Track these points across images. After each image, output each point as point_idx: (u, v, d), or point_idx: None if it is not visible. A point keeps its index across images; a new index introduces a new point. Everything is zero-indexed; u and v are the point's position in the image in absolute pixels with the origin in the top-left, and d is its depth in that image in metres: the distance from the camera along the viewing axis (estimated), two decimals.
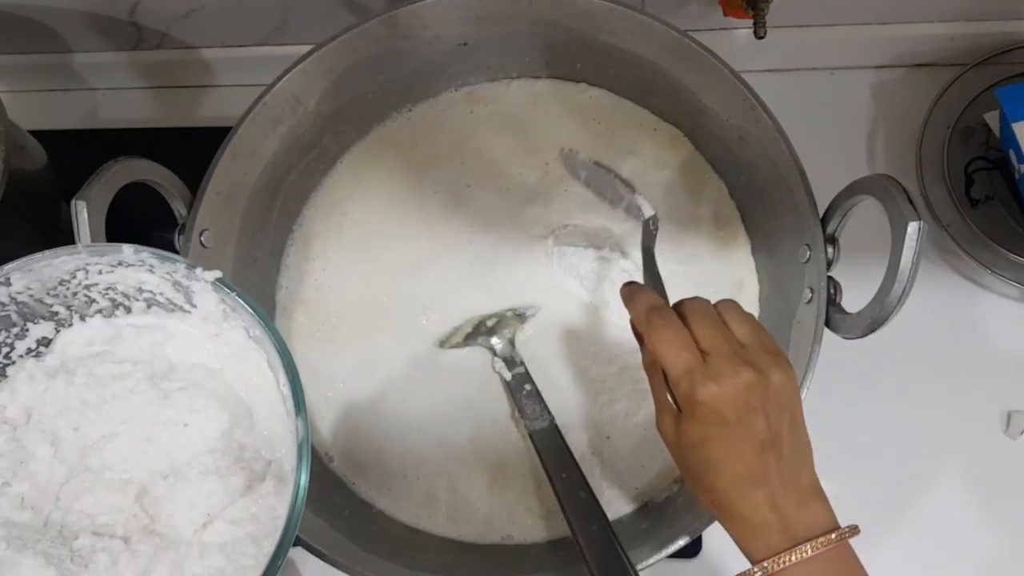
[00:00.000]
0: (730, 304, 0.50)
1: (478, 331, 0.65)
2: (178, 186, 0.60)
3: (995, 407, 0.72)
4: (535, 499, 0.63)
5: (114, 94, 0.88)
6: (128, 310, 0.52)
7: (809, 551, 0.44)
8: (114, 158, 0.56)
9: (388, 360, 0.66)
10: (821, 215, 0.58)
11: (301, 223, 0.70)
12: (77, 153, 0.82)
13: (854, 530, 0.47)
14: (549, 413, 0.62)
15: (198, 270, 0.47)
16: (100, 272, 0.50)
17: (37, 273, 0.48)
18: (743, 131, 0.62)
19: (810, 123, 0.76)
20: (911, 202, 0.51)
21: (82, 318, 0.51)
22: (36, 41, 0.81)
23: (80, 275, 0.50)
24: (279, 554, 0.43)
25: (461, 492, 0.63)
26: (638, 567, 0.55)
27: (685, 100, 0.65)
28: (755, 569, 0.45)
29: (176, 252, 0.61)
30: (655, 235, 0.63)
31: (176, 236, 0.61)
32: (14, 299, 0.49)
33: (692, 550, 0.68)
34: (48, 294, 0.49)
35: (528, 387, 0.63)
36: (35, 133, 0.76)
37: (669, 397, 0.49)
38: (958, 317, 0.75)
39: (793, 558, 0.44)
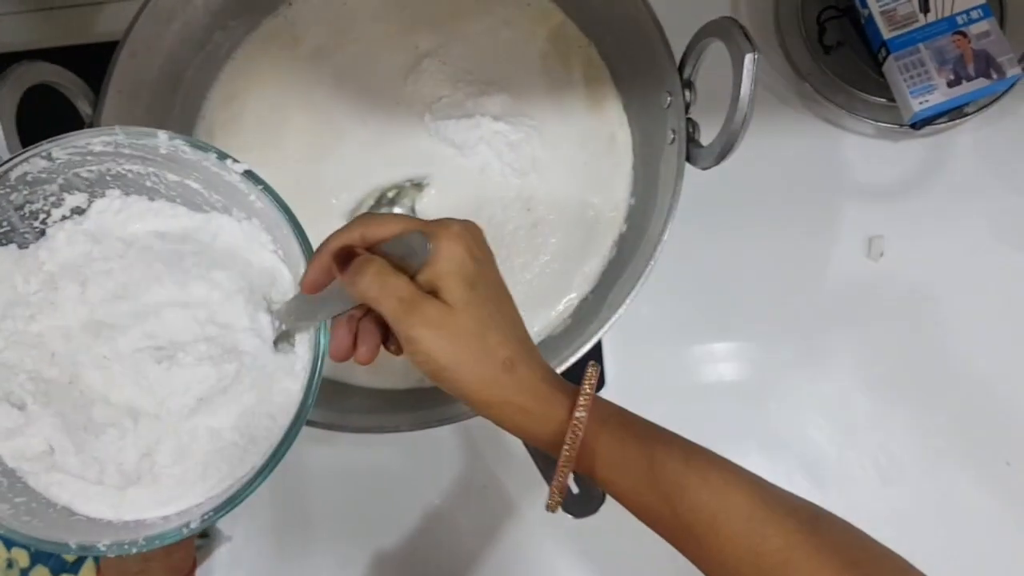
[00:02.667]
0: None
1: (380, 202, 0.70)
2: (81, 87, 0.64)
3: (858, 234, 0.80)
4: None
5: (5, 19, 0.89)
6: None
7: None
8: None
9: None
10: (678, 63, 0.64)
11: (203, 115, 0.73)
12: None
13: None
14: None
15: (228, 161, 0.49)
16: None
17: (78, 149, 0.48)
18: None
19: None
20: (748, 37, 0.57)
21: (118, 191, 0.52)
22: None
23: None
24: (294, 427, 0.46)
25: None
26: None
27: None
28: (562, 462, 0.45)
29: None
30: None
31: None
32: (58, 169, 0.49)
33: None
34: (85, 168, 0.50)
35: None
36: None
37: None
38: (821, 157, 0.82)
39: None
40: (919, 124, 0.77)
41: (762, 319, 0.79)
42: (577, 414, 0.45)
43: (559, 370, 0.62)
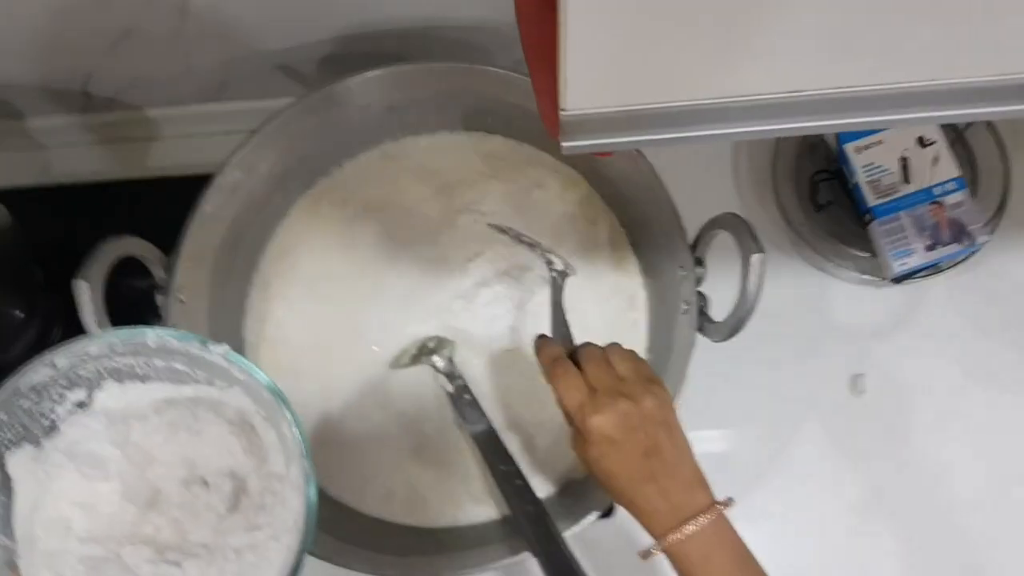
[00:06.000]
0: (615, 346, 0.65)
1: (422, 352, 0.77)
2: (159, 256, 0.71)
3: (842, 372, 0.89)
4: (476, 489, 0.76)
5: (64, 150, 0.95)
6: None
7: (691, 527, 0.57)
8: (104, 238, 0.66)
9: (346, 384, 0.78)
10: (691, 242, 0.72)
11: (259, 269, 0.81)
12: (37, 210, 0.89)
13: (727, 503, 0.60)
14: (486, 417, 0.74)
15: (209, 344, 0.56)
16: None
17: (77, 354, 0.56)
18: (628, 175, 0.75)
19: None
20: (754, 237, 0.65)
21: (116, 381, 0.59)
22: None
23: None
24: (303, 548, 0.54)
25: (414, 488, 0.76)
26: (566, 534, 0.68)
27: None
28: (654, 545, 0.58)
29: (157, 309, 0.71)
30: (562, 288, 0.73)
31: (157, 296, 0.71)
32: (61, 374, 0.56)
33: (607, 511, 0.82)
34: (83, 367, 0.57)
35: (467, 397, 0.75)
36: None
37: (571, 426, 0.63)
38: (808, 299, 0.91)
39: (680, 534, 0.57)
40: (898, 279, 0.86)
41: (758, 447, 0.87)
42: (721, 507, 0.59)
43: (586, 521, 0.69)
